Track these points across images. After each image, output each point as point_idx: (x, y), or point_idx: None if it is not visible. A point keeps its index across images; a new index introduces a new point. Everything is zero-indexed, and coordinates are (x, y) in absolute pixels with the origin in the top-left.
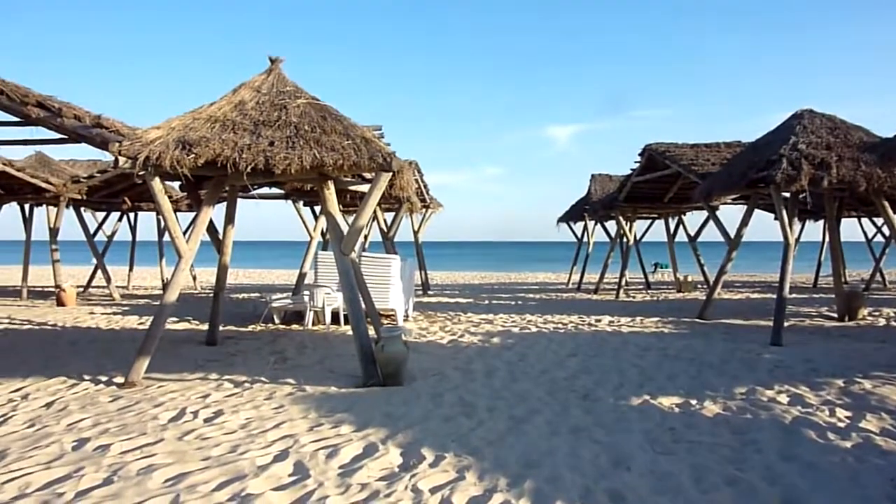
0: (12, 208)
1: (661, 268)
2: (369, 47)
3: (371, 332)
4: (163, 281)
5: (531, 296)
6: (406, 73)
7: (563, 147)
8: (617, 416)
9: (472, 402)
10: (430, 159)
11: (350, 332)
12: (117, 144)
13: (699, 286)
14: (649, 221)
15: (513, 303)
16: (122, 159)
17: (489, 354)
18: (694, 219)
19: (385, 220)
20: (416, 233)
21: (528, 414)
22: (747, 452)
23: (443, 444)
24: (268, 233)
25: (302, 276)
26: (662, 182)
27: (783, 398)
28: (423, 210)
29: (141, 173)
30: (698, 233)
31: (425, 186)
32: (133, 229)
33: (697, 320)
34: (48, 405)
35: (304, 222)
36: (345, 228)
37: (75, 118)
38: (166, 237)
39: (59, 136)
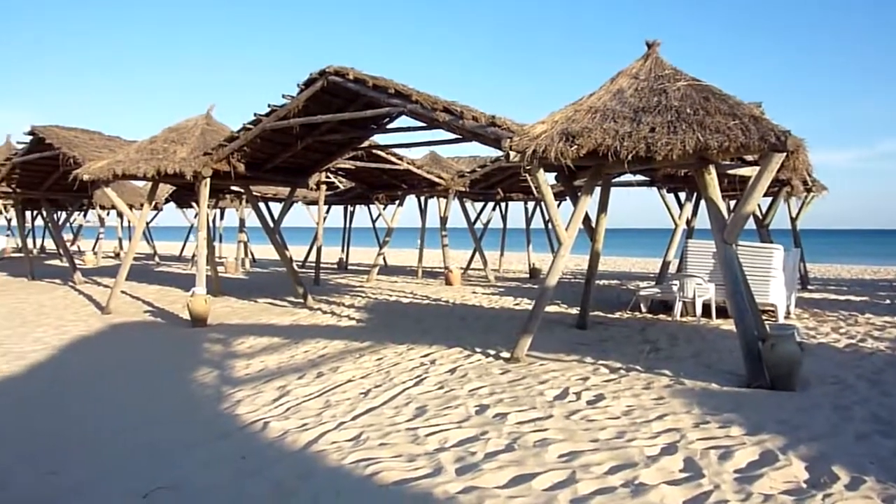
0: (411, 200)
1: None
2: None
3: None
4: (529, 265)
5: None
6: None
7: None
8: None
9: (890, 420)
10: (807, 135)
11: (723, 327)
12: (508, 141)
13: None
14: None
15: None
16: (512, 154)
17: None
18: None
19: (759, 206)
20: (793, 220)
21: None
22: None
23: (859, 465)
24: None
25: (666, 264)
26: None
27: None
28: (804, 194)
29: (528, 167)
30: None
31: (808, 166)
32: (504, 217)
33: None
34: (451, 371)
35: (668, 209)
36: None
37: (473, 119)
38: (533, 224)
39: (453, 136)
